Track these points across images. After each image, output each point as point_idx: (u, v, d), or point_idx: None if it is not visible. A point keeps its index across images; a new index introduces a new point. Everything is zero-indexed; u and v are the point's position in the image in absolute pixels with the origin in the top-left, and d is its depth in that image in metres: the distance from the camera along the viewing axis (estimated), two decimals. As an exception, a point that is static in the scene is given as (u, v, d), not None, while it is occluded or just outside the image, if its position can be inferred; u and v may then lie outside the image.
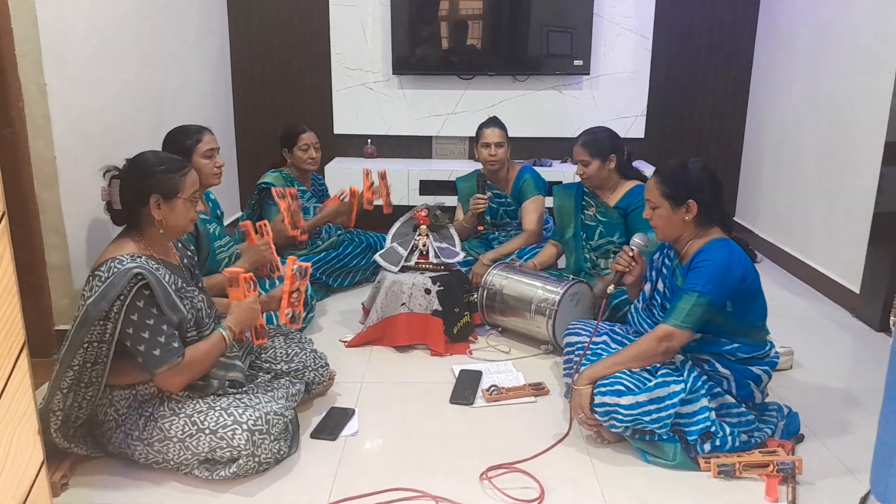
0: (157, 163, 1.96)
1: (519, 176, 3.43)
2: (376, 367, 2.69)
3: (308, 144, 3.40)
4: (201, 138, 2.57)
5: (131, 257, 1.87)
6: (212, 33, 4.14)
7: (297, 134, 3.39)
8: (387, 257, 2.94)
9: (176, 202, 1.95)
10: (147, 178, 1.93)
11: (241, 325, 2.07)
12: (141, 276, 1.82)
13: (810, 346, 2.86)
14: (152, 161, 1.97)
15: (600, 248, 2.99)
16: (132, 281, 1.80)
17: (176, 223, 1.97)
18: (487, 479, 1.95)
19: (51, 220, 2.49)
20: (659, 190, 2.11)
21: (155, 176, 1.93)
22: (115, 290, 1.79)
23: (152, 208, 1.92)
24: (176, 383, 1.91)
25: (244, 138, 4.58)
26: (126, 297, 1.80)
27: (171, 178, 1.94)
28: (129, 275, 1.80)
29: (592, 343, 2.29)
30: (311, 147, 3.40)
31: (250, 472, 1.93)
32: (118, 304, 1.79)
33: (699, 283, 1.99)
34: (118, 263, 1.84)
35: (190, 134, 2.58)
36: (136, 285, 1.81)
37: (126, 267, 1.83)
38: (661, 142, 4.56)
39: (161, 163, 1.96)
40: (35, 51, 2.35)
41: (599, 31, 4.34)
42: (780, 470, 1.92)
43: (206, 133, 2.61)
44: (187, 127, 2.62)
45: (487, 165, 3.38)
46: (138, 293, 1.82)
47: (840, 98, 3.45)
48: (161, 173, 1.94)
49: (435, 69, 4.42)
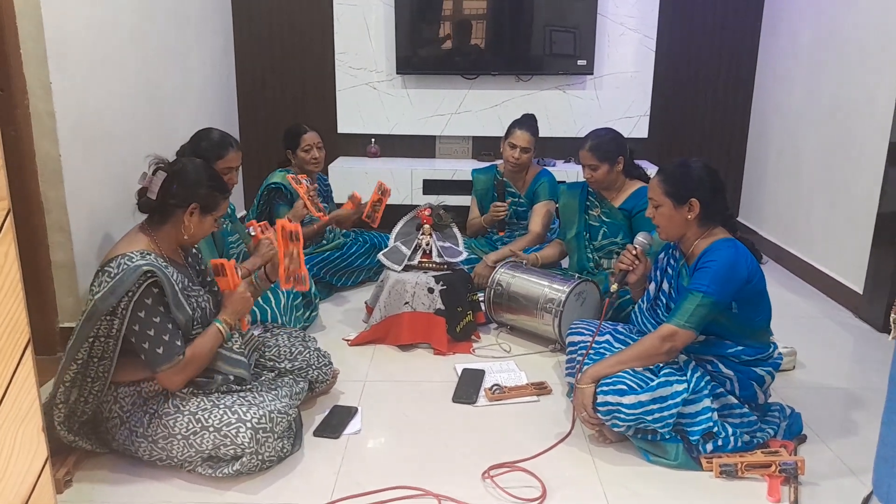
0: (210, 177, 2.05)
1: (536, 179, 3.44)
2: (379, 365, 2.70)
3: (311, 145, 3.38)
4: (223, 155, 2.60)
5: (141, 254, 1.89)
6: (216, 32, 4.15)
7: (300, 135, 3.38)
8: (390, 256, 2.94)
9: (208, 218, 2.04)
10: (199, 186, 2.00)
11: (235, 315, 2.08)
12: (151, 273, 1.84)
13: (813, 347, 2.85)
14: (206, 173, 2.05)
15: (603, 249, 2.99)
16: (142, 278, 1.82)
17: (197, 234, 2.04)
18: (490, 477, 1.96)
19: (55, 219, 2.50)
20: (661, 188, 2.11)
21: (206, 188, 2.01)
22: (124, 286, 1.81)
23: (187, 214, 1.97)
24: (177, 381, 1.92)
25: (248, 137, 4.59)
26: (134, 293, 1.81)
27: (216, 197, 2.04)
28: (139, 272, 1.82)
29: (595, 342, 2.29)
30: (314, 147, 3.38)
31: (253, 470, 1.93)
32: (126, 300, 1.81)
33: (704, 283, 1.99)
34: (128, 260, 1.86)
35: (214, 145, 2.60)
36: (146, 283, 1.83)
37: (136, 264, 1.85)
38: (664, 142, 4.56)
39: (213, 178, 2.05)
40: (40, 49, 2.36)
41: (603, 30, 4.34)
42: (783, 470, 1.92)
43: (231, 151, 2.63)
44: (215, 136, 2.63)
45: (508, 166, 3.40)
46: (147, 290, 1.84)
47: (844, 98, 3.44)
48: (211, 188, 2.02)
49: (438, 69, 4.42)
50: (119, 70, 2.87)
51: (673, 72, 4.47)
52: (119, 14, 2.88)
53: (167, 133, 2.80)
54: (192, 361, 1.92)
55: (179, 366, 1.89)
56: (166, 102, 3.35)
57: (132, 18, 3.00)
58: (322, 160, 3.44)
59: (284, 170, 3.43)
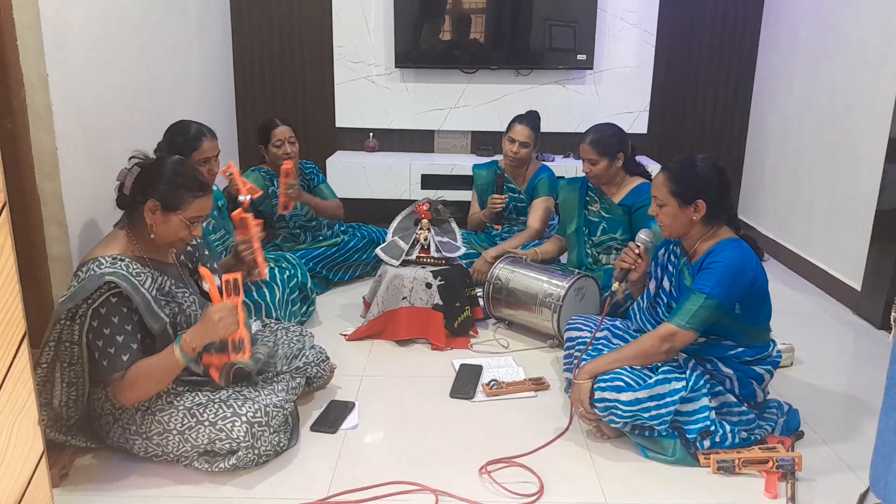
0: (175, 172, 1.92)
1: (536, 174, 3.43)
2: (377, 360, 2.69)
3: (282, 140, 3.23)
4: (198, 146, 2.48)
5: (112, 260, 1.85)
6: (213, 25, 4.13)
7: (270, 129, 3.25)
8: (388, 251, 2.93)
9: (172, 216, 1.90)
10: (157, 180, 1.90)
11: (201, 338, 1.82)
12: (112, 284, 1.79)
13: (811, 344, 2.85)
14: (172, 169, 1.92)
15: (602, 245, 2.99)
16: (102, 287, 1.79)
17: (165, 235, 1.92)
18: (487, 472, 1.96)
19: (52, 212, 2.48)
20: (667, 188, 2.06)
21: (165, 183, 1.89)
22: (84, 292, 1.79)
23: (146, 210, 1.89)
24: (127, 398, 1.83)
25: (246, 130, 4.57)
26: (94, 301, 1.79)
27: (180, 195, 1.90)
28: (100, 280, 1.79)
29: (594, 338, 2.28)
30: (286, 142, 3.24)
31: (250, 465, 1.93)
32: (84, 307, 1.79)
33: (709, 284, 1.96)
34: (97, 266, 1.83)
35: (189, 139, 2.49)
36: (107, 293, 1.80)
37: (102, 272, 1.81)
38: (663, 137, 4.55)
39: (179, 174, 1.92)
40: (37, 40, 2.34)
41: (603, 25, 4.32)
42: (780, 466, 1.92)
43: (206, 140, 2.51)
44: (189, 128, 2.54)
45: (507, 160, 3.39)
46: (105, 300, 1.80)
47: (843, 94, 3.43)
48: (172, 184, 1.90)
49: (438, 63, 4.40)
50: (117, 62, 2.85)
51: (673, 67, 4.46)
52: (117, 6, 2.86)
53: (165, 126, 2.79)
54: (136, 381, 1.80)
55: (122, 383, 1.80)
56: (165, 95, 3.33)
57: (131, 10, 2.98)
58: (295, 154, 3.29)
59: (257, 169, 3.33)
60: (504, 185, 3.40)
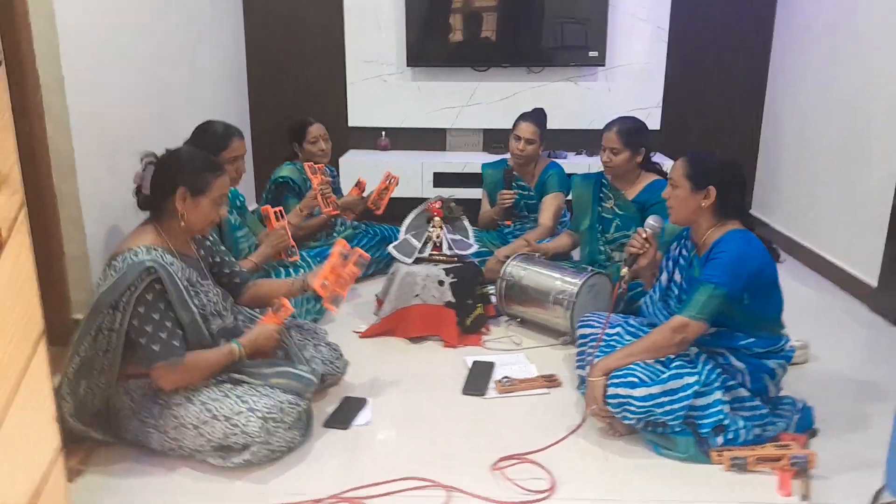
0: (192, 158, 2.01)
1: (545, 171, 3.43)
2: (389, 357, 2.71)
3: (317, 137, 3.39)
4: (227, 145, 2.59)
5: (147, 250, 1.90)
6: (226, 27, 4.16)
7: (306, 127, 3.38)
8: (401, 249, 2.94)
9: (201, 200, 1.99)
10: (179, 170, 1.98)
11: (253, 347, 2.07)
12: (153, 269, 1.85)
13: (826, 340, 2.83)
14: (188, 155, 2.02)
15: (615, 241, 2.98)
16: (143, 273, 1.84)
17: (197, 220, 2.01)
18: (499, 469, 1.96)
19: (69, 212, 2.52)
20: (683, 169, 2.11)
21: (187, 169, 1.98)
22: (126, 281, 1.83)
23: (178, 200, 1.96)
24: (170, 381, 1.92)
25: (259, 130, 4.60)
26: (136, 288, 1.83)
27: (203, 177, 1.99)
28: (141, 267, 1.84)
29: (606, 335, 2.28)
30: (321, 139, 3.39)
31: (263, 460, 1.95)
32: (127, 295, 1.83)
33: (716, 274, 1.98)
34: (133, 255, 1.88)
35: (217, 137, 2.59)
36: (148, 279, 1.84)
37: (140, 259, 1.86)
38: (676, 134, 4.52)
39: (196, 159, 2.01)
40: (53, 45, 2.38)
41: (615, 21, 4.30)
42: (794, 464, 1.91)
43: (235, 140, 2.62)
44: (217, 128, 2.63)
45: (514, 158, 3.39)
46: (149, 287, 1.85)
47: (858, 89, 3.40)
48: (193, 169, 1.99)
49: (449, 61, 4.41)
50: (132, 65, 2.89)
51: (686, 63, 4.43)
52: (131, 10, 2.89)
53: (179, 128, 2.82)
54: (191, 368, 1.92)
55: (176, 367, 1.89)
56: (178, 97, 3.36)
57: (144, 14, 3.01)
58: (329, 152, 3.45)
59: (292, 163, 3.44)
60: (513, 180, 3.39)
